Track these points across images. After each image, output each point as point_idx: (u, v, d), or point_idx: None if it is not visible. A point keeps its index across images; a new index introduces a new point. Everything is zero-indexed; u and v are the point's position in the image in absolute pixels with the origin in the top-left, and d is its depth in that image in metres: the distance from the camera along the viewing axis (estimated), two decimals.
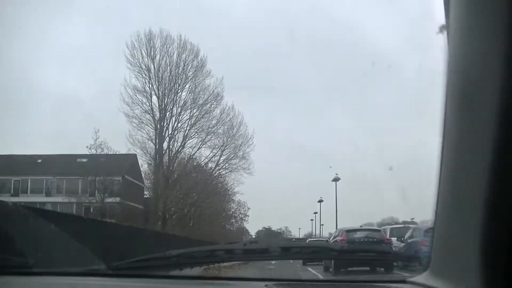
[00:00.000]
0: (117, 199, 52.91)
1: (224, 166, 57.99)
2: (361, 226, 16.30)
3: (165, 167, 54.85)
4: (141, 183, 59.74)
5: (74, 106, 71.82)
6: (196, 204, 56.39)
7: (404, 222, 32.17)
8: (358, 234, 15.26)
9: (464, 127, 1.07)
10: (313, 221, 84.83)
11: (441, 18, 1.18)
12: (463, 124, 1.08)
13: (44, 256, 3.60)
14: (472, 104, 1.03)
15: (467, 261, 1.02)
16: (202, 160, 57.07)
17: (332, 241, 16.67)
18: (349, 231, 15.74)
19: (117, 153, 50.86)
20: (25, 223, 4.79)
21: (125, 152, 53.31)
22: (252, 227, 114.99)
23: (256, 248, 2.08)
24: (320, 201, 64.83)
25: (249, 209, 67.47)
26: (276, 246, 1.99)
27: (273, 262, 25.59)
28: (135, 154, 56.51)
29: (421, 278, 1.45)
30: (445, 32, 1.17)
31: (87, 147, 46.49)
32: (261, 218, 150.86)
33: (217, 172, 58.39)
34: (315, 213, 77.71)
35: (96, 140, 46.30)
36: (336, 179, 42.14)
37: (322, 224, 74.83)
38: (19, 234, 3.79)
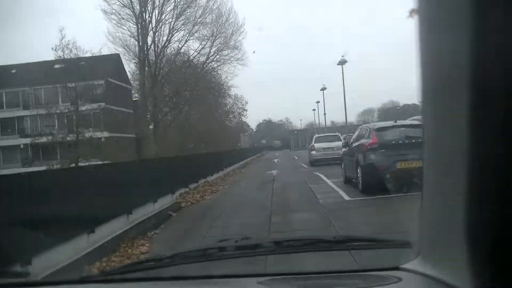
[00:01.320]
0: (102, 104, 48.40)
1: (215, 59, 53.50)
2: (395, 122, 11.62)
3: (151, 65, 50.23)
4: (128, 85, 54.93)
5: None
6: (189, 102, 52.26)
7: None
8: (395, 133, 10.71)
9: (444, 110, 1.10)
10: (315, 111, 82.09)
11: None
12: (442, 109, 1.10)
13: None
14: (448, 90, 1.06)
15: (456, 247, 1.05)
16: (191, 54, 52.18)
17: (356, 144, 12.13)
18: (380, 129, 11.13)
19: (96, 54, 45.82)
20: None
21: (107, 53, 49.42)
22: (252, 121, 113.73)
23: (248, 244, 1.99)
24: (323, 88, 60.26)
25: (246, 103, 64.65)
26: (269, 241, 2.01)
27: (274, 173, 22.42)
28: (118, 54, 51.94)
29: (413, 264, 1.44)
30: (416, 18, 1.15)
31: (52, 48, 40.91)
32: (261, 111, 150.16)
33: (209, 66, 53.81)
34: (317, 102, 74.71)
35: (62, 40, 40.68)
36: (342, 62, 37.17)
37: (325, 114, 71.79)
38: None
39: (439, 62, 1.10)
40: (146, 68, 50.14)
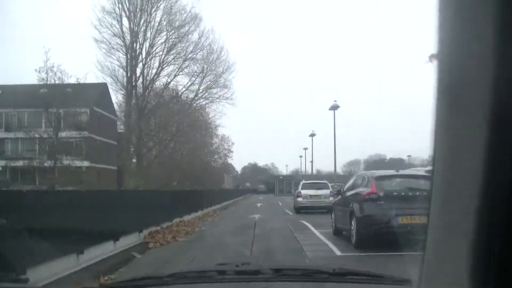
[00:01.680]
0: (85, 133, 46.94)
1: (204, 96, 52.59)
2: (397, 171, 10.36)
3: (139, 97, 49.21)
4: (113, 116, 53.67)
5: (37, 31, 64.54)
6: (175, 138, 51.07)
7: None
8: (397, 183, 9.48)
9: (456, 125, 1.05)
10: (302, 158, 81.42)
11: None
12: (455, 123, 1.05)
13: None
14: (463, 101, 1.02)
15: (460, 265, 1.01)
16: (180, 89, 51.31)
17: (351, 193, 10.82)
18: (380, 178, 9.87)
19: (82, 81, 44.61)
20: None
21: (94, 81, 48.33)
22: (237, 163, 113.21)
23: (248, 269, 2.04)
24: (312, 135, 59.29)
25: (233, 144, 63.71)
26: (268, 268, 2.02)
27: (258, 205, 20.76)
28: (105, 83, 51.08)
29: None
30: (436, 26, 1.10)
31: (35, 70, 39.60)
32: (246, 154, 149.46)
33: (197, 103, 52.84)
34: (305, 148, 74.20)
35: (46, 62, 39.47)
36: (334, 107, 36.24)
37: (312, 161, 70.96)
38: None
39: (455, 75, 1.03)
40: (134, 100, 49.09)
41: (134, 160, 49.96)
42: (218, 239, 12.72)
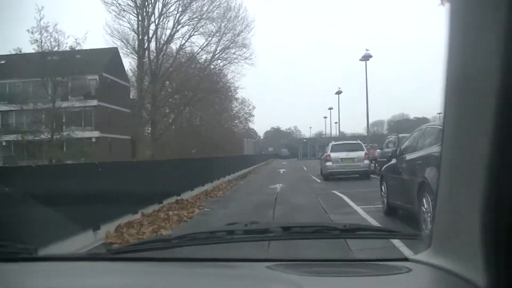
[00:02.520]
0: (94, 102, 43.70)
1: (221, 56, 48.36)
2: None
3: (152, 60, 45.46)
4: (125, 82, 50.13)
5: None
6: (191, 103, 47.49)
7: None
8: None
9: (465, 110, 1.12)
10: (327, 118, 78.05)
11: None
12: (464, 108, 1.13)
13: None
14: (472, 88, 1.08)
15: (470, 239, 1.08)
16: (196, 51, 47.27)
17: (419, 156, 7.23)
18: None
19: (91, 48, 41.26)
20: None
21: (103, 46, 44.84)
22: (260, 128, 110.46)
23: (257, 228, 1.96)
24: (338, 92, 55.17)
25: (254, 107, 59.82)
26: (277, 226, 1.97)
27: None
28: (115, 48, 47.41)
29: (424, 255, 1.47)
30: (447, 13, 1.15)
31: (28, 31, 36.28)
32: (269, 118, 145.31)
33: (214, 64, 48.83)
34: (330, 108, 70.56)
35: (40, 21, 35.99)
36: (366, 57, 32.16)
37: (336, 122, 67.24)
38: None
39: (466, 63, 1.10)
40: (147, 65, 45.43)
41: (148, 129, 46.56)
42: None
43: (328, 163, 20.96)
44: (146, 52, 45.04)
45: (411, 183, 7.30)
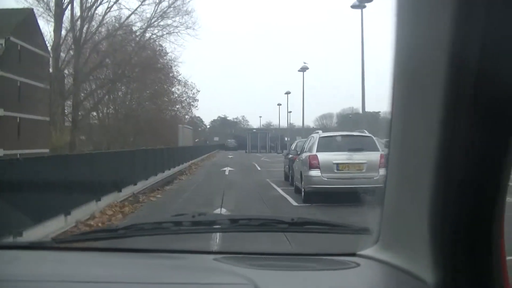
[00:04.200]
0: None
1: (159, 24, 40.08)
2: None
3: (75, 25, 36.91)
4: (43, 52, 41.22)
5: None
6: (121, 80, 39.43)
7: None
8: None
9: (413, 101, 1.11)
10: (276, 109, 73.24)
11: None
12: (412, 100, 1.12)
13: None
14: (420, 82, 1.07)
15: (418, 238, 1.10)
16: (128, 15, 39.01)
17: None
18: None
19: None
20: None
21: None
22: (205, 115, 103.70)
23: (204, 220, 2.04)
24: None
25: (198, 91, 51.92)
26: (225, 218, 2.08)
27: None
28: (31, 9, 38.62)
29: (371, 251, 1.48)
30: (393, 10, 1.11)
31: None
32: (215, 107, 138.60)
33: (151, 33, 40.64)
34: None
35: None
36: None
37: (290, 111, 61.62)
38: None
39: (413, 58, 1.08)
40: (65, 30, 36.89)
41: (65, 109, 38.18)
42: None
43: (313, 171, 12.03)
44: (64, 14, 36.47)
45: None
